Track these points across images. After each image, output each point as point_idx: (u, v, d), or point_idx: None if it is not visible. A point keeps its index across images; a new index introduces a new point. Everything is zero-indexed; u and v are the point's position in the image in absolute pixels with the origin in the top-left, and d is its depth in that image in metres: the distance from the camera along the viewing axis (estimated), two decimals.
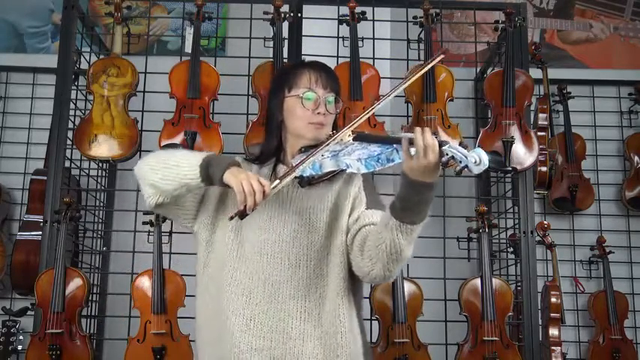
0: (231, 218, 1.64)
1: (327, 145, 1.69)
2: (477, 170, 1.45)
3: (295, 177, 1.72)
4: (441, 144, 1.47)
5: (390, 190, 3.12)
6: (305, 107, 1.78)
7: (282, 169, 1.83)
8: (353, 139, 1.71)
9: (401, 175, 1.55)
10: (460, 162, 1.44)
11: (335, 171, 1.70)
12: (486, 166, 1.44)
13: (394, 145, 1.57)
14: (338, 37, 3.18)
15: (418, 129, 1.48)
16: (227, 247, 1.78)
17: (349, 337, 1.74)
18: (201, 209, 1.85)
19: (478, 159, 1.44)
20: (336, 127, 1.86)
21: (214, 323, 1.76)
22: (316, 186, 1.77)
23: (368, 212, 1.77)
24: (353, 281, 1.79)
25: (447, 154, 1.47)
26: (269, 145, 1.88)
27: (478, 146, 3.05)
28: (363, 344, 1.81)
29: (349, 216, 1.78)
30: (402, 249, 1.61)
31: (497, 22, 3.27)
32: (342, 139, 1.70)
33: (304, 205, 1.77)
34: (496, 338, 2.84)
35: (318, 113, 1.78)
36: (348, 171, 1.64)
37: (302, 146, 1.80)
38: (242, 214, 1.61)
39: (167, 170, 1.74)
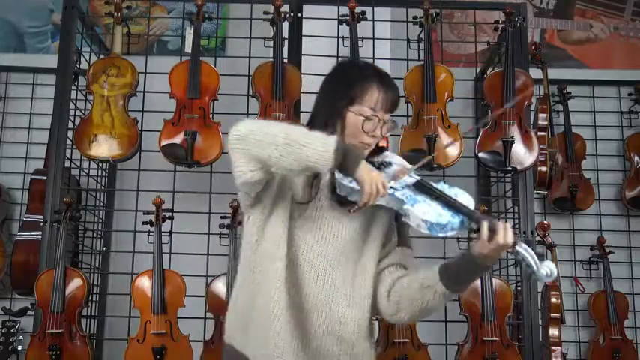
0: (350, 212, 1.64)
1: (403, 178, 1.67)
2: (545, 281, 1.53)
3: (337, 193, 1.70)
4: (515, 243, 1.54)
5: None
6: (363, 130, 1.72)
7: (326, 176, 1.76)
8: (413, 185, 1.67)
9: (468, 252, 1.61)
10: (529, 267, 1.51)
11: (384, 206, 1.69)
12: (554, 279, 1.51)
13: (461, 217, 1.58)
14: (338, 37, 3.18)
15: (501, 225, 1.55)
16: (272, 247, 1.73)
17: (371, 354, 1.77)
18: (263, 194, 1.76)
19: (549, 272, 1.50)
20: (377, 144, 1.82)
21: (256, 314, 1.73)
22: (348, 206, 1.71)
23: (398, 250, 1.79)
24: (373, 309, 1.80)
25: (518, 255, 1.53)
26: None
27: (479, 149, 3.05)
28: None
29: (383, 247, 1.79)
30: (437, 309, 1.69)
31: (497, 22, 3.27)
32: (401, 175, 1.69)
33: (339, 223, 1.74)
34: (496, 338, 2.84)
35: (372, 136, 1.74)
36: (403, 219, 1.64)
37: None
38: (358, 209, 1.63)
39: (290, 148, 1.57)
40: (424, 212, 1.59)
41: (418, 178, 1.69)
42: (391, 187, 1.64)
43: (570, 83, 3.86)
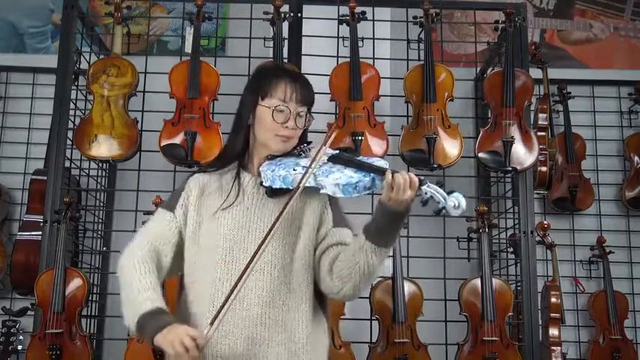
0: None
1: (302, 168, 1.70)
2: (455, 213, 1.54)
3: (264, 186, 1.76)
4: (422, 183, 1.57)
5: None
6: (275, 120, 1.78)
7: (246, 177, 1.83)
8: (328, 159, 1.73)
9: (378, 203, 1.64)
10: (438, 203, 1.54)
11: (314, 192, 1.73)
12: (464, 210, 1.54)
13: (372, 175, 1.63)
14: (338, 37, 3.18)
15: (402, 173, 1.60)
16: (189, 254, 1.80)
17: (314, 343, 1.76)
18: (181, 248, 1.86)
19: (457, 203, 1.53)
20: (302, 139, 1.87)
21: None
22: (281, 196, 1.75)
23: (335, 231, 1.80)
24: (318, 293, 1.81)
25: (426, 194, 1.56)
26: (234, 146, 1.87)
27: (479, 149, 3.06)
28: (327, 349, 1.84)
29: (317, 231, 1.80)
30: (375, 269, 1.69)
31: (497, 22, 3.27)
32: (316, 157, 1.72)
33: (269, 215, 1.77)
34: (496, 338, 2.84)
35: (287, 127, 1.79)
36: (321, 192, 1.68)
37: (269, 154, 1.81)
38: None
39: (123, 303, 1.73)
40: (336, 178, 1.65)
41: (334, 152, 1.75)
42: (305, 167, 1.69)
43: (570, 83, 3.86)
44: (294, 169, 1.72)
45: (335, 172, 1.67)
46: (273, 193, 1.76)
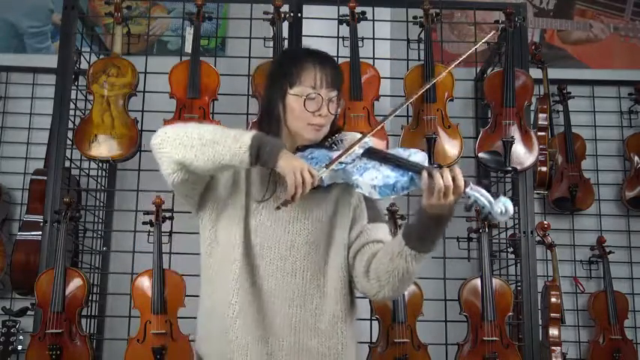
0: (278, 208, 1.59)
1: (342, 154, 1.64)
2: (501, 219, 1.48)
3: None
4: (466, 184, 1.51)
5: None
6: (307, 109, 1.69)
7: None
8: (362, 154, 1.64)
9: (419, 209, 1.56)
10: (483, 207, 1.47)
11: (347, 188, 1.68)
12: (511, 216, 1.47)
13: (410, 173, 1.55)
14: (338, 37, 3.18)
15: (441, 170, 1.52)
16: (227, 248, 1.73)
17: (349, 349, 1.73)
18: (207, 196, 1.77)
19: (504, 209, 1.45)
20: (334, 125, 1.79)
21: (216, 320, 1.73)
22: (314, 192, 1.64)
23: (370, 227, 1.75)
24: (352, 295, 1.77)
25: (470, 198, 1.49)
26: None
27: (479, 149, 3.05)
28: (357, 356, 1.81)
29: (350, 229, 1.75)
30: (414, 274, 1.65)
31: (497, 22, 3.27)
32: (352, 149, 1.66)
33: (302, 212, 1.71)
34: (496, 338, 2.84)
35: (319, 115, 1.70)
36: (356, 190, 1.61)
37: (299, 145, 1.74)
38: (288, 203, 1.56)
39: (205, 148, 1.59)
40: (372, 178, 1.57)
41: (369, 145, 1.66)
42: (341, 162, 1.62)
43: (570, 83, 3.86)
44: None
45: (370, 170, 1.58)
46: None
